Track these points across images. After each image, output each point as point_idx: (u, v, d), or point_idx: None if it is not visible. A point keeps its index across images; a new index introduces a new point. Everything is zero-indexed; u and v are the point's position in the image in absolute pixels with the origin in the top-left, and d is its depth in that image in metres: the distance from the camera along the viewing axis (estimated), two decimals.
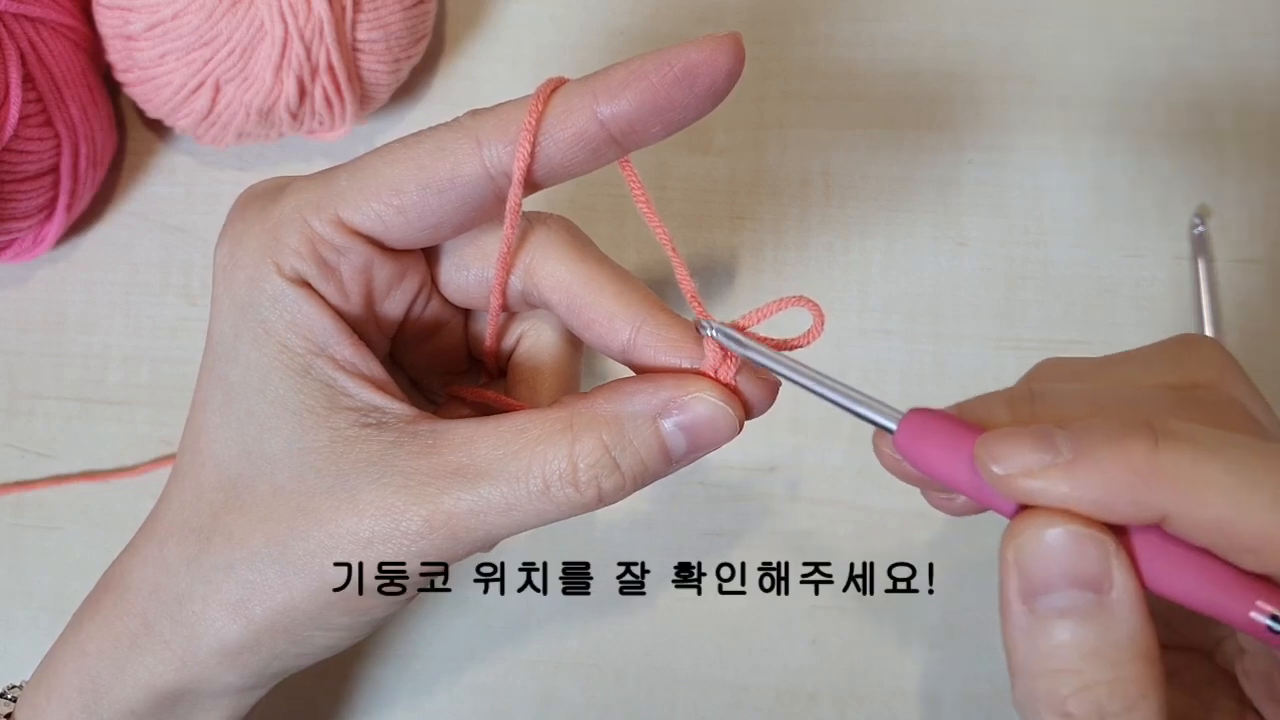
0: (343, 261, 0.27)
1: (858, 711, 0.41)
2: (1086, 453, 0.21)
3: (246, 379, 0.27)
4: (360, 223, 0.26)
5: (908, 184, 0.44)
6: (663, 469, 0.27)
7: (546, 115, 0.25)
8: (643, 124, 0.25)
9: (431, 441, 0.26)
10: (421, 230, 0.27)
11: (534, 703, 0.41)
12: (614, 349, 0.28)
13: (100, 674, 0.29)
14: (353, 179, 0.27)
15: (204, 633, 0.28)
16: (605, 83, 0.25)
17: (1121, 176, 0.43)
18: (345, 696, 0.41)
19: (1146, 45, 0.44)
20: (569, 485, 0.26)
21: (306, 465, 0.27)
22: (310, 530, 0.26)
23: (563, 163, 0.26)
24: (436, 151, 0.26)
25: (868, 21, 0.45)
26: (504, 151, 0.26)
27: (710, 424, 0.26)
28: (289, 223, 0.26)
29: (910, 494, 0.39)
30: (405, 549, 0.26)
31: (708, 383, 0.26)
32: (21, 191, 0.39)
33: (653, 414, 0.26)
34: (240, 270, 0.27)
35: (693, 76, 0.25)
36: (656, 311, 0.28)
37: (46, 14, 0.39)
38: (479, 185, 0.26)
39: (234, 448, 0.27)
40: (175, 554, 0.28)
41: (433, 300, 0.30)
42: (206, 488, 0.28)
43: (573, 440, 0.26)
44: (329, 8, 0.38)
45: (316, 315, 0.27)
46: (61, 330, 0.45)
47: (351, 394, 0.27)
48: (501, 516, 0.26)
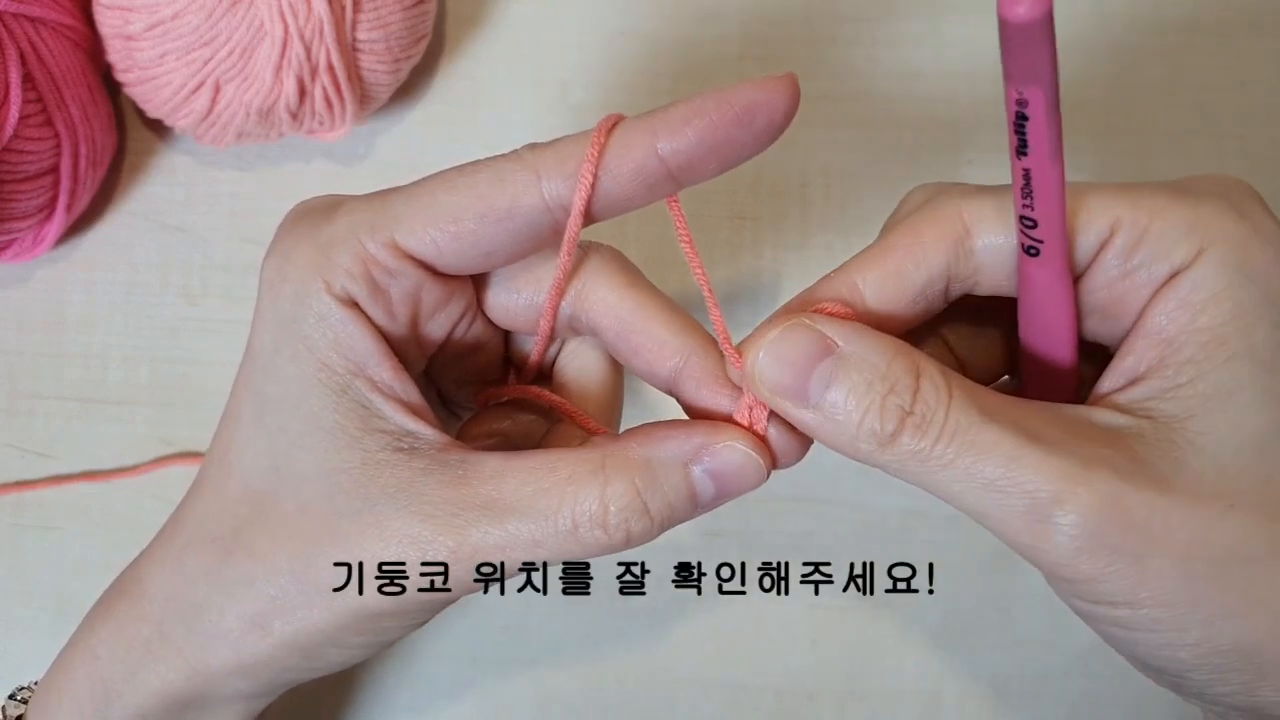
0: (393, 284, 0.27)
1: (858, 711, 0.41)
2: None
3: (283, 394, 0.27)
4: (415, 247, 0.26)
5: (908, 184, 0.44)
6: (690, 513, 0.27)
7: (607, 150, 0.26)
8: (701, 161, 0.26)
9: (462, 472, 0.26)
10: (475, 258, 0.27)
11: (534, 703, 0.41)
12: (660, 376, 0.28)
13: (112, 678, 0.29)
14: (410, 203, 0.27)
15: (220, 645, 0.28)
16: (666, 120, 0.25)
17: (1121, 176, 0.43)
18: (346, 697, 0.41)
19: (1146, 45, 0.44)
20: (598, 527, 0.26)
21: (335, 485, 0.27)
22: (335, 552, 0.26)
23: (620, 197, 0.26)
24: (496, 182, 0.26)
25: (868, 21, 0.45)
26: (563, 185, 0.26)
27: (739, 472, 0.27)
28: (342, 242, 0.26)
29: (910, 494, 0.39)
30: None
31: (739, 431, 0.27)
32: (21, 191, 0.39)
33: (684, 460, 0.27)
34: (288, 285, 0.27)
35: (752, 115, 0.25)
36: (707, 344, 0.28)
37: (46, 14, 0.39)
38: (536, 217, 0.26)
39: (263, 461, 0.27)
40: (195, 563, 0.28)
41: (476, 322, 0.30)
42: (231, 499, 0.28)
43: (605, 482, 0.26)
44: (329, 8, 0.38)
45: (360, 336, 0.27)
46: (61, 330, 0.45)
47: (386, 417, 0.27)
48: (525, 553, 0.26)
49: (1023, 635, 0.41)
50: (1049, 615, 0.40)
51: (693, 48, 0.44)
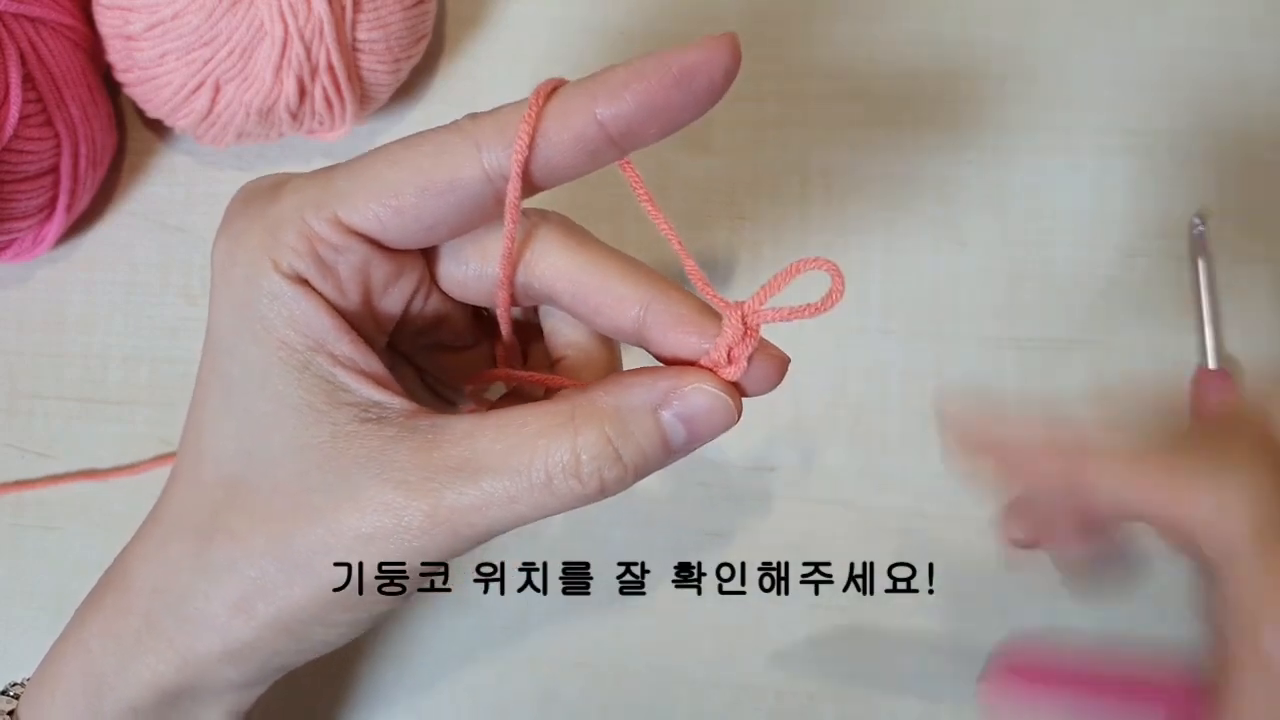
0: (340, 260, 0.27)
1: (858, 711, 0.41)
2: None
3: (246, 375, 0.27)
4: (359, 223, 0.27)
5: (908, 184, 0.44)
6: (663, 459, 0.27)
7: (545, 116, 0.25)
8: (641, 125, 0.25)
9: (432, 436, 0.26)
10: (419, 231, 0.27)
11: (534, 703, 0.41)
12: (626, 330, 0.28)
13: (104, 672, 0.29)
14: (352, 179, 0.27)
15: (206, 631, 0.28)
16: (604, 84, 0.25)
17: (1121, 176, 0.44)
18: (345, 696, 0.41)
19: (1146, 45, 0.44)
20: (572, 477, 0.26)
21: (308, 462, 0.27)
22: (312, 527, 0.26)
23: (562, 164, 0.26)
24: (436, 154, 0.26)
25: (868, 21, 0.45)
26: (503, 155, 0.26)
27: (709, 414, 0.27)
28: (288, 221, 0.26)
29: (910, 494, 0.39)
30: (407, 545, 0.26)
31: (707, 374, 0.27)
32: (21, 191, 0.39)
33: (653, 405, 0.26)
34: (238, 267, 0.27)
35: (691, 77, 0.25)
36: (666, 288, 0.28)
37: (46, 14, 0.39)
38: (478, 188, 0.26)
39: (234, 444, 0.27)
40: (177, 552, 0.28)
41: (433, 296, 0.30)
42: (207, 485, 0.28)
43: (575, 433, 0.26)
44: (329, 8, 0.38)
45: (314, 312, 0.27)
46: (61, 330, 0.45)
47: (351, 389, 0.27)
48: (503, 510, 0.26)
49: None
50: (1049, 616, 0.40)
51: None
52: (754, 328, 0.27)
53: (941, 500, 0.41)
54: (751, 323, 0.27)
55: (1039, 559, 0.31)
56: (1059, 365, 0.42)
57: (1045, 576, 0.30)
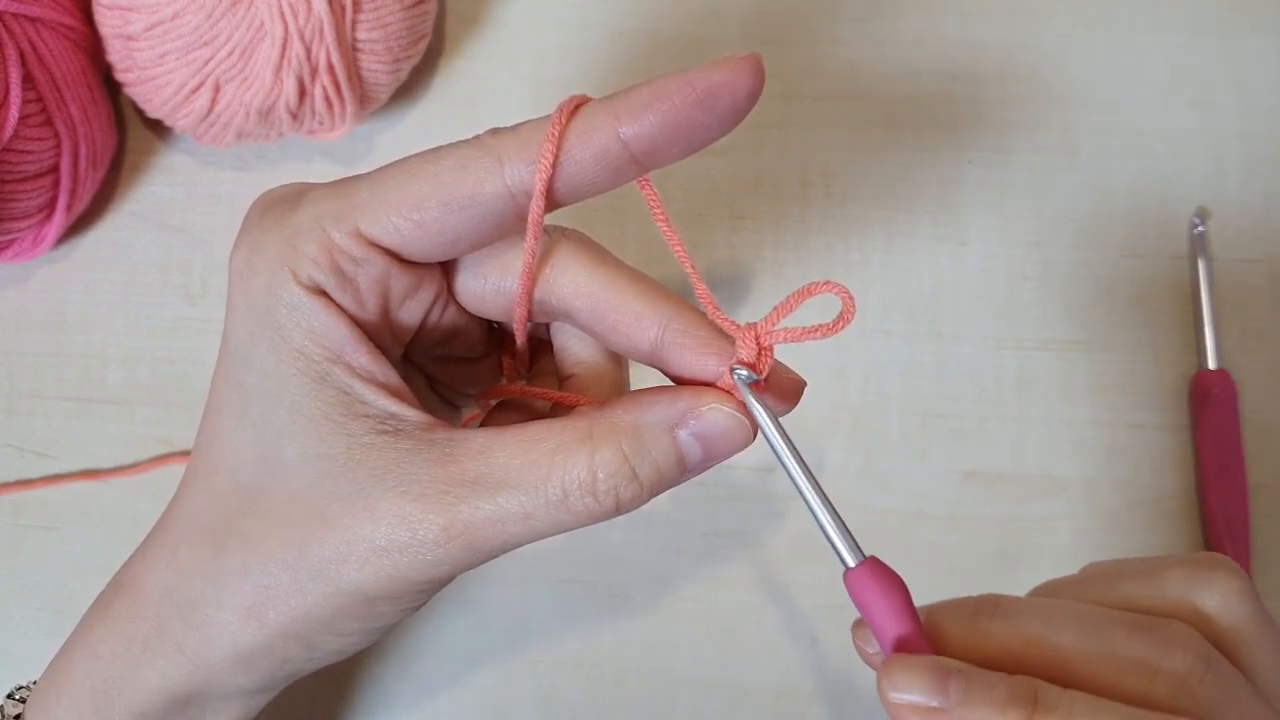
0: (360, 272, 0.27)
1: (858, 711, 0.41)
2: (969, 707, 0.24)
3: (263, 385, 0.27)
4: (379, 235, 0.26)
5: (908, 184, 0.44)
6: (678, 477, 0.27)
7: (568, 134, 0.25)
8: (664, 144, 0.25)
9: (449, 450, 0.26)
10: (440, 245, 0.27)
11: (534, 703, 0.41)
12: (642, 350, 0.28)
13: (112, 676, 0.29)
14: (373, 191, 0.26)
15: (217, 637, 0.28)
16: (627, 103, 0.25)
17: (1121, 176, 0.44)
18: (347, 696, 0.41)
19: (1146, 45, 0.44)
20: (588, 494, 0.26)
21: (323, 472, 0.26)
22: (326, 537, 0.26)
23: (584, 181, 0.26)
24: (459, 169, 0.26)
25: (868, 21, 0.45)
26: (525, 170, 0.26)
27: (725, 434, 0.27)
28: (307, 232, 0.26)
29: (910, 494, 0.39)
30: (421, 557, 0.26)
31: (724, 395, 0.27)
32: (21, 191, 0.39)
33: (670, 424, 0.27)
34: (257, 277, 0.27)
35: (715, 97, 0.25)
36: (684, 310, 0.28)
37: (46, 14, 0.39)
38: (500, 203, 0.26)
39: (250, 453, 0.27)
40: (189, 558, 0.28)
41: (449, 308, 0.30)
42: (221, 492, 0.28)
43: (593, 450, 0.26)
44: (329, 8, 0.38)
45: (333, 324, 0.27)
46: (61, 330, 0.45)
47: (368, 401, 0.27)
48: (518, 525, 0.26)
49: None
50: None
51: (693, 48, 0.44)
52: (768, 348, 0.27)
53: (941, 500, 0.41)
54: (765, 344, 0.27)
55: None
56: (1059, 365, 0.42)
57: (1044, 577, 0.30)
